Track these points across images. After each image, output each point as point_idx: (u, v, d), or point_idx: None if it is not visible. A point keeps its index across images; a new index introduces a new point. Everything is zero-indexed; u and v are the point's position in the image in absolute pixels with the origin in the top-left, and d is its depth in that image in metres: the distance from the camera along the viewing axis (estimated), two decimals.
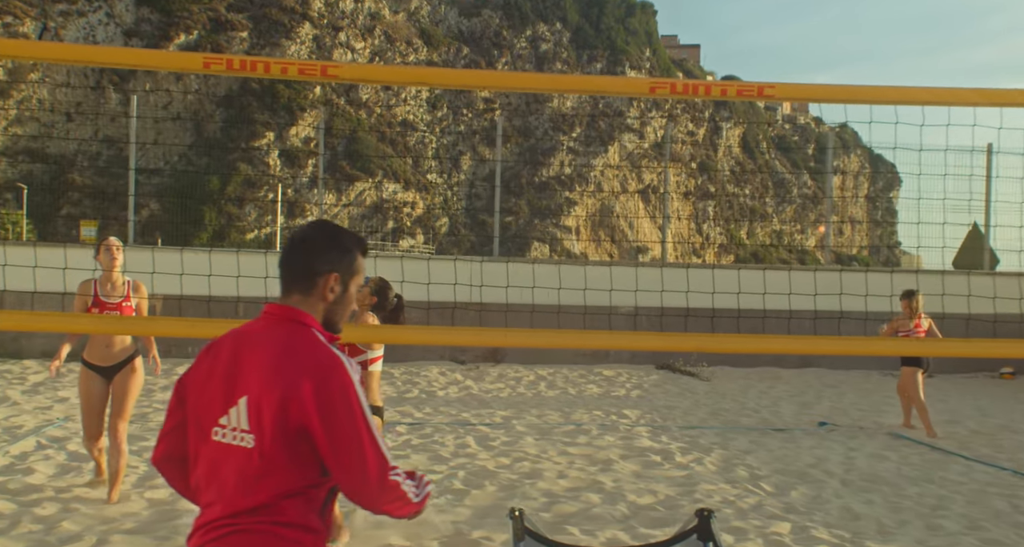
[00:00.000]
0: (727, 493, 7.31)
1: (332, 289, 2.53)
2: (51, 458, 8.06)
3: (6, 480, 7.24)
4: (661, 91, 4.10)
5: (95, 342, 6.68)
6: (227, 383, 2.42)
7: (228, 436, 2.38)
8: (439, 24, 72.95)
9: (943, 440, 9.94)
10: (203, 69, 3.99)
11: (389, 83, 4.52)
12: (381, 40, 71.76)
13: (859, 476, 8.02)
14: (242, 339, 2.49)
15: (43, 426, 9.49)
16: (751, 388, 13.82)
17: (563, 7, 72.96)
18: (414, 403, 11.76)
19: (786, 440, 9.78)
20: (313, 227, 2.59)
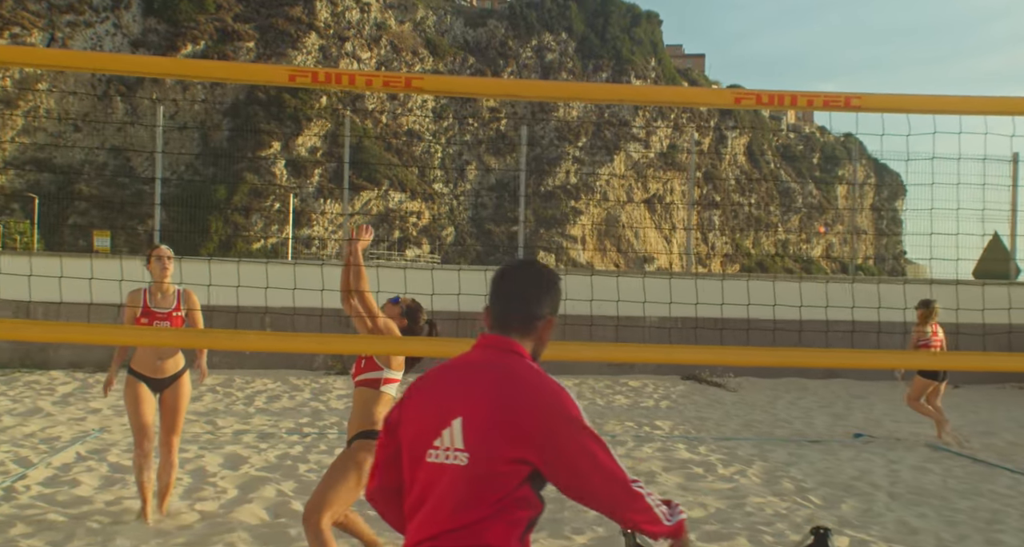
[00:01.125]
0: (777, 506, 7.25)
1: (547, 330, 2.66)
2: (94, 470, 8.03)
3: (53, 492, 7.21)
4: (747, 102, 4.07)
5: (145, 352, 6.60)
6: (442, 407, 2.50)
7: (442, 456, 2.45)
8: (445, 34, 73.02)
9: (982, 452, 9.89)
10: (288, 82, 3.97)
11: (472, 95, 4.48)
12: (387, 50, 71.86)
13: (906, 489, 7.96)
14: (457, 367, 2.59)
15: (80, 437, 9.45)
16: (779, 399, 13.77)
17: (568, 17, 73.01)
18: None
19: (825, 452, 9.72)
20: (532, 273, 2.70)
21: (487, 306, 2.69)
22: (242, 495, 7.29)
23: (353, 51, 71.40)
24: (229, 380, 14.02)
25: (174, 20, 66.09)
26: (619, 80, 72.32)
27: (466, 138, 71.11)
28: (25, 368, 14.47)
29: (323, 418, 11.18)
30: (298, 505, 6.97)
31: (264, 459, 8.65)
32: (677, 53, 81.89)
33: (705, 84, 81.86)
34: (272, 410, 11.67)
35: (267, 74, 4.12)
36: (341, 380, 14.42)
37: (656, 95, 3.55)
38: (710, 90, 3.83)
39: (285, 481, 7.77)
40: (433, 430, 2.49)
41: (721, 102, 4.09)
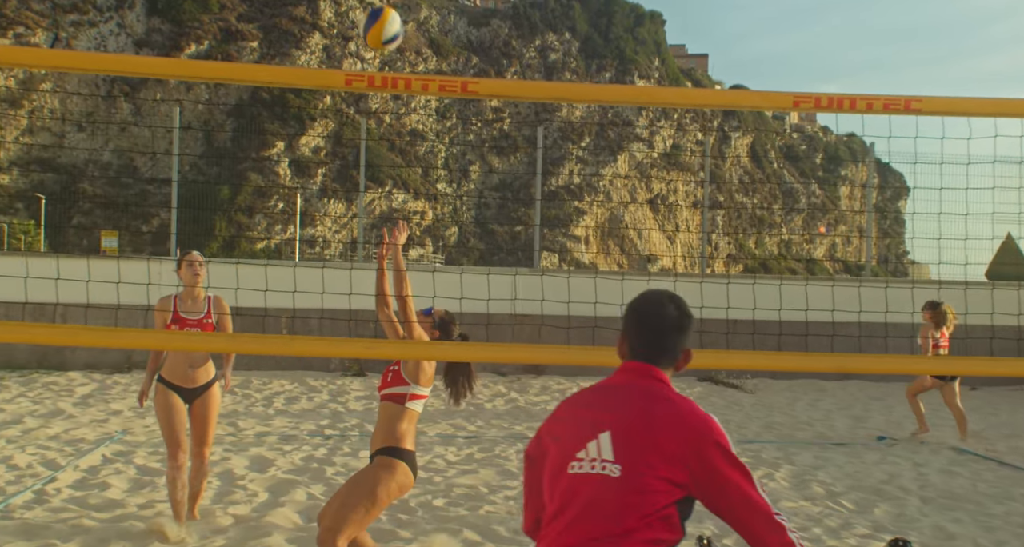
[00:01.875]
0: (809, 511, 7.23)
1: (684, 361, 2.82)
2: (122, 472, 8.01)
3: (84, 495, 7.20)
4: (805, 105, 4.05)
5: (177, 361, 6.47)
6: (587, 422, 2.61)
7: (586, 467, 2.53)
8: (448, 34, 73.03)
9: (1008, 455, 9.85)
10: (344, 86, 3.94)
11: (525, 98, 4.46)
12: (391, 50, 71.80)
13: (937, 493, 7.93)
14: (601, 388, 2.73)
15: (104, 440, 9.42)
16: (797, 401, 13.74)
17: (572, 17, 73.01)
18: (464, 416, 11.68)
19: (849, 455, 9.69)
20: (675, 309, 2.80)
21: (625, 334, 2.80)
22: (273, 498, 7.27)
23: (356, 51, 71.41)
24: (247, 381, 13.99)
25: (178, 20, 66.11)
26: (622, 80, 72.35)
27: (470, 138, 71.10)
28: (43, 369, 14.45)
29: (343, 420, 11.15)
30: None
31: (290, 462, 8.63)
32: (680, 53, 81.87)
33: (708, 84, 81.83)
34: (292, 412, 11.65)
35: (324, 79, 4.10)
36: (358, 382, 14.40)
37: (712, 98, 3.51)
38: (768, 93, 3.82)
39: (314, 484, 7.75)
40: (576, 443, 2.58)
41: (779, 105, 4.06)
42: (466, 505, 7.20)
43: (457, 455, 9.21)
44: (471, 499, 7.40)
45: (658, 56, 75.20)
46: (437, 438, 10.13)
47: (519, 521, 6.75)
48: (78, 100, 62.97)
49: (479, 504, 7.23)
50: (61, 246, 54.48)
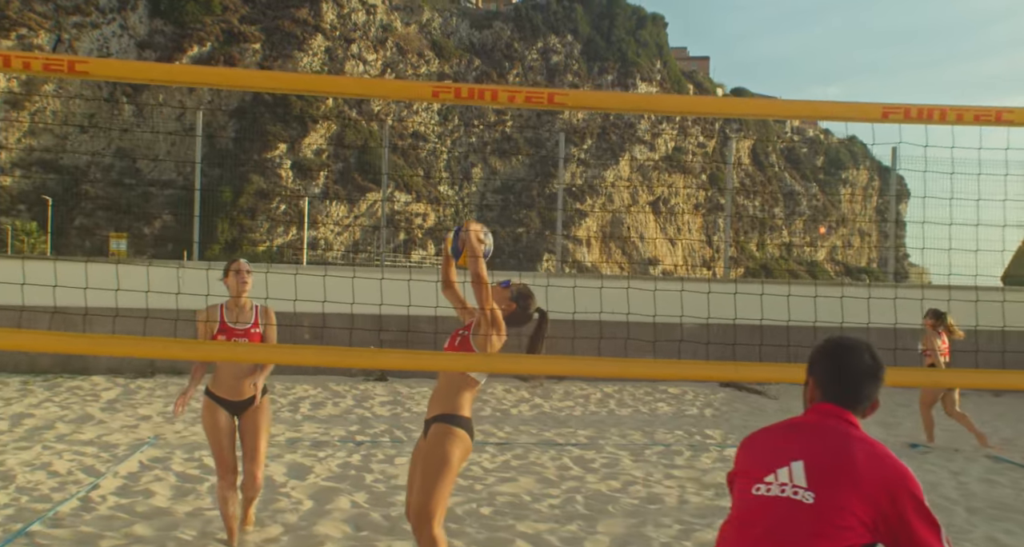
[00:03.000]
0: None
1: (872, 410, 2.90)
2: (162, 479, 7.98)
3: (130, 502, 7.16)
4: (894, 117, 4.02)
5: (224, 373, 6.26)
6: (777, 451, 2.69)
7: (775, 489, 2.59)
8: (450, 36, 73.03)
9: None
10: (432, 98, 3.91)
11: (613, 111, 4.42)
12: (393, 52, 71.88)
13: (983, 503, 7.90)
14: (792, 425, 2.81)
15: (138, 445, 9.40)
16: None
17: (574, 19, 73.02)
18: (492, 422, 11.65)
19: None
20: (873, 358, 2.88)
21: (816, 379, 2.86)
22: (318, 507, 7.24)
23: (359, 53, 71.41)
24: (269, 386, 13.92)
25: (180, 22, 66.04)
26: (624, 83, 72.33)
27: (472, 140, 71.09)
28: (67, 374, 14.41)
29: (372, 426, 11.12)
30: (377, 516, 6.93)
31: (327, 468, 8.60)
32: (682, 55, 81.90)
33: (710, 86, 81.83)
34: (319, 417, 11.61)
35: (410, 91, 4.06)
36: (380, 386, 14.37)
37: (801, 110, 3.51)
38: (855, 104, 3.79)
39: (356, 492, 7.72)
40: (764, 469, 2.65)
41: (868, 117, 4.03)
42: (512, 514, 7.16)
43: (493, 462, 9.17)
44: (516, 508, 7.36)
45: (660, 58, 75.22)
46: None
47: (568, 531, 6.73)
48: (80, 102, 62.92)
49: (525, 513, 7.19)
50: (63, 248, 54.41)
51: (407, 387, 14.29)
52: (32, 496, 7.30)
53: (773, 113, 3.98)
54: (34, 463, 8.45)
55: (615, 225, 69.93)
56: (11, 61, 3.75)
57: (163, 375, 14.75)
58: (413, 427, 11.15)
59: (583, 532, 6.73)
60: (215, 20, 69.20)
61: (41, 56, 3.75)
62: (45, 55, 3.76)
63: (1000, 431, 12.03)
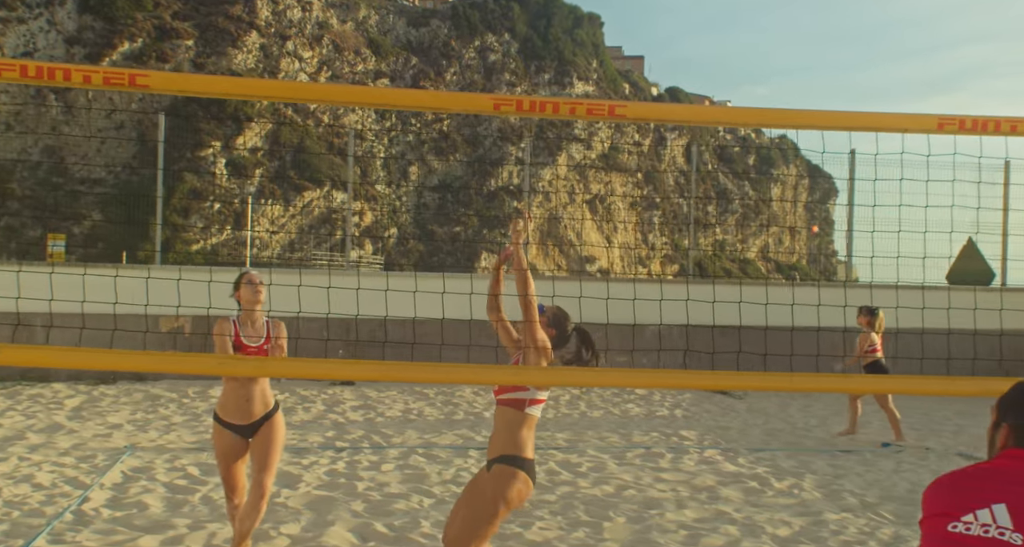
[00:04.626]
0: (855, 523, 7.33)
1: None
2: (151, 490, 7.88)
3: (126, 515, 7.06)
4: (949, 128, 4.12)
5: (232, 397, 5.94)
6: (975, 493, 2.60)
7: (976, 529, 2.52)
8: (387, 34, 72.60)
9: None
10: (493, 111, 3.90)
11: (671, 122, 4.40)
12: (329, 49, 71.24)
13: None
14: (988, 470, 2.71)
15: (116, 455, 9.24)
16: (788, 406, 13.93)
17: (511, 18, 73.00)
18: (468, 426, 11.66)
19: (862, 463, 9.85)
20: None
21: (1008, 425, 2.79)
22: (318, 517, 7.18)
23: (295, 50, 70.64)
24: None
25: (110, 17, 64.71)
26: (561, 82, 72.57)
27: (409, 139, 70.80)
28: (26, 381, 14.08)
29: (348, 431, 11.06)
30: (381, 526, 6.89)
31: (316, 477, 8.54)
32: (617, 55, 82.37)
33: (645, 86, 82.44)
34: (293, 424, 11.49)
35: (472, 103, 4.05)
36: (349, 391, 14.26)
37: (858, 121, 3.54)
38: (912, 115, 3.83)
39: (352, 501, 7.68)
40: (960, 509, 2.58)
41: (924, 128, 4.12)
42: (517, 522, 7.17)
43: (479, 467, 9.16)
44: (518, 515, 7.37)
45: (596, 58, 75.50)
46: (451, 449, 10.08)
47: (577, 538, 6.75)
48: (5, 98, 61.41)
49: (529, 520, 7.21)
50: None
51: (376, 391, 14.21)
52: (23, 510, 7.15)
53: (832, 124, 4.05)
54: (15, 475, 8.27)
55: (552, 224, 70.15)
56: (71, 75, 3.66)
57: (125, 381, 14.50)
58: (390, 432, 11.11)
59: (591, 539, 6.76)
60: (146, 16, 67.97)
61: (101, 69, 3.67)
62: (104, 68, 3.68)
63: (966, 429, 12.31)
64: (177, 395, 13.42)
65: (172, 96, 65.99)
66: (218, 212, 64.97)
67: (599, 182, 73.79)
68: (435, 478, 8.61)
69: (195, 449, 9.70)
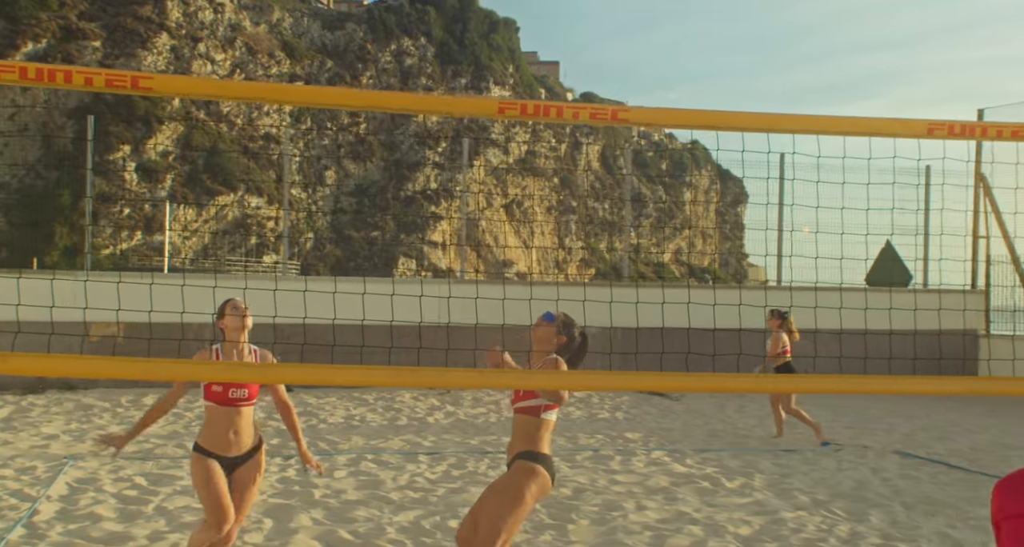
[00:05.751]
0: (811, 520, 7.47)
1: None
2: (101, 501, 7.70)
3: (80, 528, 6.90)
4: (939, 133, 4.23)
5: (218, 428, 5.50)
6: None
7: None
8: (302, 37, 71.86)
9: (950, 457, 10.38)
10: (497, 114, 3.90)
11: (676, 127, 4.44)
12: (242, 52, 70.27)
13: (914, 499, 8.30)
14: None
15: (58, 467, 8.98)
16: (724, 407, 14.13)
17: (428, 22, 72.83)
18: (413, 431, 11.59)
19: (805, 462, 10.04)
20: None
21: None
22: (280, 525, 7.09)
23: (207, 52, 69.54)
24: None
25: (13, 17, 62.98)
26: (478, 87, 72.66)
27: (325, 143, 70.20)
28: None
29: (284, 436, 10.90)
30: (345, 533, 6.82)
31: (269, 484, 8.42)
32: (532, 60, 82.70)
33: (560, 91, 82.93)
34: None
35: (478, 106, 4.04)
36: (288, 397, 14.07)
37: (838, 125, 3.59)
38: (904, 120, 3.91)
39: (311, 508, 7.59)
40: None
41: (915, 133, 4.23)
42: None
43: (433, 472, 9.14)
44: None
45: (512, 63, 75.73)
46: (400, 455, 10.02)
47: (544, 541, 6.76)
48: None
49: None
50: None
51: (315, 398, 14.05)
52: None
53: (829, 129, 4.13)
54: None
55: (470, 228, 70.12)
56: (72, 77, 3.56)
57: (54, 391, 14.11)
58: (335, 438, 11.01)
59: (559, 542, 6.79)
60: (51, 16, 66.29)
61: (103, 72, 3.58)
62: (107, 71, 3.59)
63: (897, 428, 12.63)
64: (110, 404, 13.11)
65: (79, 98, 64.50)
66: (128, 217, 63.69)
67: (516, 186, 74.02)
68: (391, 484, 8.55)
69: (138, 459, 9.49)
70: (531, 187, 74.10)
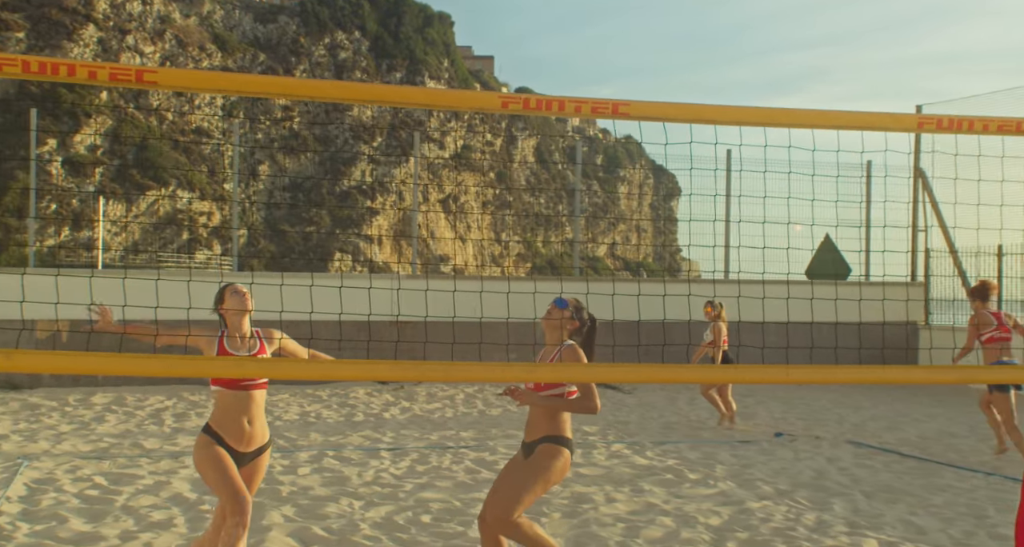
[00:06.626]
0: (776, 510, 7.60)
1: None
2: (64, 502, 7.57)
3: (47, 528, 6.79)
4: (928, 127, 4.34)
5: (233, 418, 5.28)
6: None
7: None
8: (233, 29, 70.94)
9: (901, 446, 10.62)
10: (501, 109, 3.92)
11: (676, 121, 4.39)
12: (172, 44, 69.21)
13: (872, 487, 8.47)
14: None
15: (12, 467, 8.81)
16: (675, 400, 14.28)
17: (362, 15, 72.34)
18: (371, 427, 11.56)
19: (763, 452, 10.20)
20: None
21: None
22: (252, 523, 6.99)
23: (135, 45, 68.38)
24: (120, 398, 13.31)
25: None
26: (413, 81, 72.36)
27: (258, 137, 69.44)
28: None
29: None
30: (319, 530, 6.79)
31: None
32: (467, 54, 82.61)
33: (495, 85, 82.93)
34: (189, 429, 11.18)
35: (480, 101, 4.05)
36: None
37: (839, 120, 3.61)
38: (894, 114, 3.93)
39: (281, 505, 7.54)
40: None
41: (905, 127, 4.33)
42: (456, 520, 7.17)
43: (398, 468, 9.12)
44: (454, 513, 7.38)
45: (447, 57, 75.55)
46: (361, 451, 9.98)
47: None
48: None
49: (467, 518, 7.22)
50: None
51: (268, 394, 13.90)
52: None
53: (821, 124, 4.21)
54: None
55: (406, 223, 69.86)
56: (76, 71, 3.50)
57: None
58: (293, 435, 10.94)
59: None
60: None
61: (107, 65, 3.52)
62: (111, 64, 3.53)
63: (847, 418, 12.87)
64: (58, 403, 12.87)
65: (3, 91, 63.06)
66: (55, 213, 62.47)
67: (452, 182, 73.89)
68: (356, 480, 8.51)
69: (94, 458, 9.34)
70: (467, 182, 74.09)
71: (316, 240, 66.26)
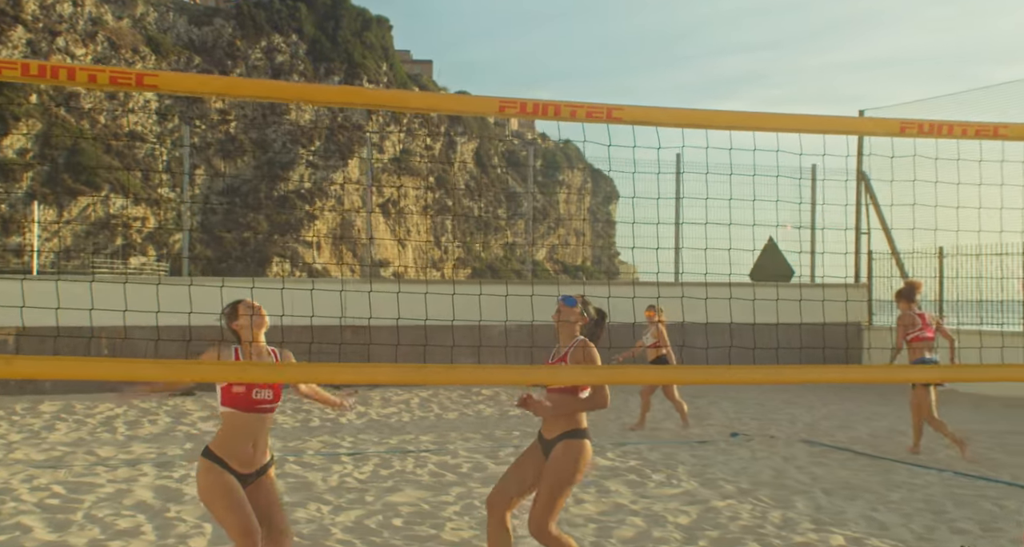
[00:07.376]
0: (741, 508, 7.71)
1: None
2: (25, 512, 7.48)
3: (12, 539, 6.68)
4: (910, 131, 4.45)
5: (237, 440, 5.09)
6: None
7: None
8: (167, 32, 70.03)
9: (855, 444, 10.82)
10: (498, 113, 3.95)
11: (669, 125, 4.43)
12: (104, 47, 68.10)
13: (831, 485, 8.64)
14: None
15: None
16: (628, 402, 14.37)
17: (299, 19, 71.82)
18: (328, 432, 11.51)
19: (721, 452, 10.35)
20: None
21: None
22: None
23: (66, 47, 67.22)
24: (68, 406, 13.09)
25: None
26: (351, 84, 71.97)
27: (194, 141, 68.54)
28: None
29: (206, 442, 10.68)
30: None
31: (194, 490, 8.23)
32: (406, 58, 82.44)
33: (434, 89, 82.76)
34: (143, 437, 11.06)
35: (479, 105, 4.07)
36: (190, 402, 13.76)
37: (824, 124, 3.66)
38: (876, 119, 3.98)
39: None
40: None
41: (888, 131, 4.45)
42: (428, 523, 7.18)
43: (361, 472, 9.10)
44: (425, 516, 7.40)
45: (386, 61, 75.33)
46: (322, 456, 9.94)
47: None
48: None
49: (438, 521, 7.24)
50: None
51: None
52: None
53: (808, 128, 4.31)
54: None
55: (345, 228, 69.54)
56: (76, 74, 3.47)
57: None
58: None
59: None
60: None
61: (107, 69, 3.50)
62: (111, 68, 3.50)
63: (799, 417, 13.09)
64: (4, 412, 12.63)
65: None
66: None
67: (391, 186, 73.61)
68: (322, 485, 8.48)
69: (48, 467, 9.19)
70: (407, 185, 73.85)
71: (254, 245, 65.67)
